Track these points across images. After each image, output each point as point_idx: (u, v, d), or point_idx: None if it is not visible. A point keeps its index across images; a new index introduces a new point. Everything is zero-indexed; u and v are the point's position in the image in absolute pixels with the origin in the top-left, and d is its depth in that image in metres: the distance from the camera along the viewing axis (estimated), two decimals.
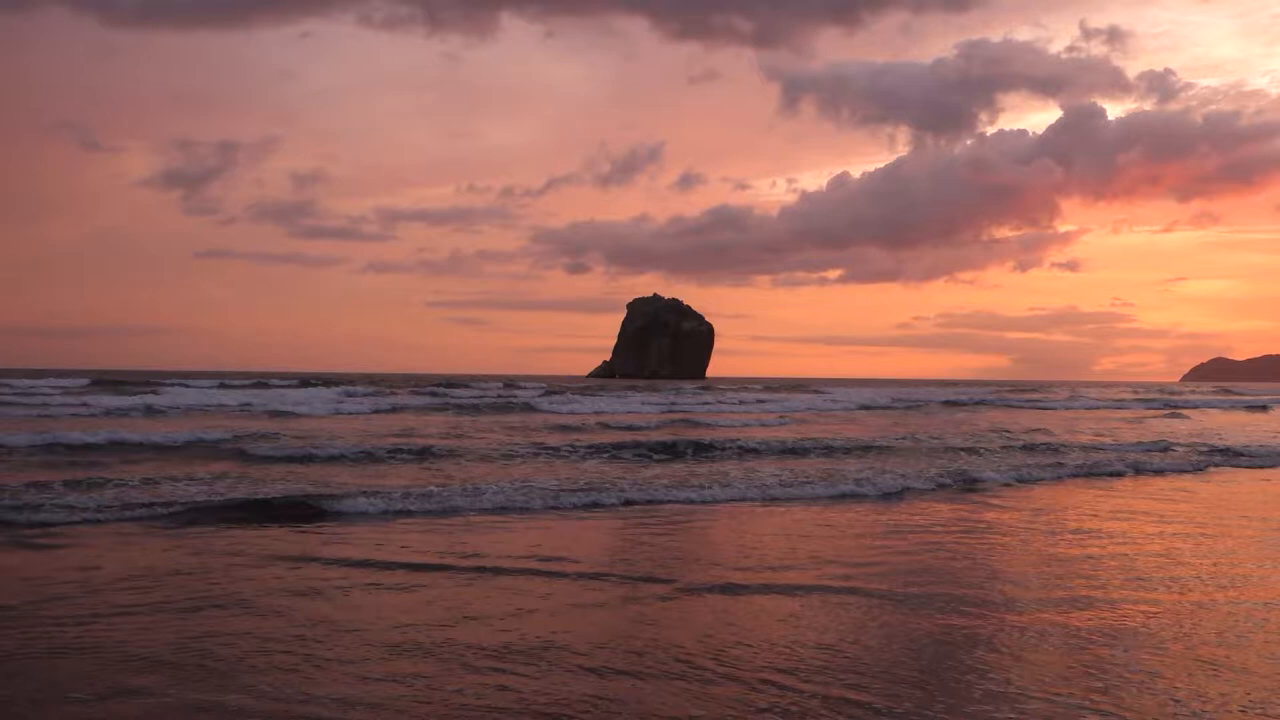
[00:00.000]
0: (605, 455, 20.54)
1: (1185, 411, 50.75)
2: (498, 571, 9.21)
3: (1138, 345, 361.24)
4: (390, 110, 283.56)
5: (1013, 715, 5.45)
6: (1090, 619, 7.61)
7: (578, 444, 22.23)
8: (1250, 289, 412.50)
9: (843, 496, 15.09)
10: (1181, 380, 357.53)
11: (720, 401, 48.99)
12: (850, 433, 28.56)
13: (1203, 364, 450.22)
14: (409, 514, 12.75)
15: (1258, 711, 5.54)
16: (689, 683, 6.00)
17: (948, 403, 55.80)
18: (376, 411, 36.23)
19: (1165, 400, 63.75)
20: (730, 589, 8.61)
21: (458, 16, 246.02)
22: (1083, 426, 34.88)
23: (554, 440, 23.54)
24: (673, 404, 45.72)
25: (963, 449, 23.15)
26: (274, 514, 12.40)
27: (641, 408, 42.00)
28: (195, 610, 7.62)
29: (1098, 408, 54.33)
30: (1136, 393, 79.13)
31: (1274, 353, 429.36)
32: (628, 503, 13.99)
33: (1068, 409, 52.23)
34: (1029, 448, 23.77)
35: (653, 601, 8.18)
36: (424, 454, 19.97)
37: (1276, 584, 9.07)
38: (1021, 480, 17.72)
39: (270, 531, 11.41)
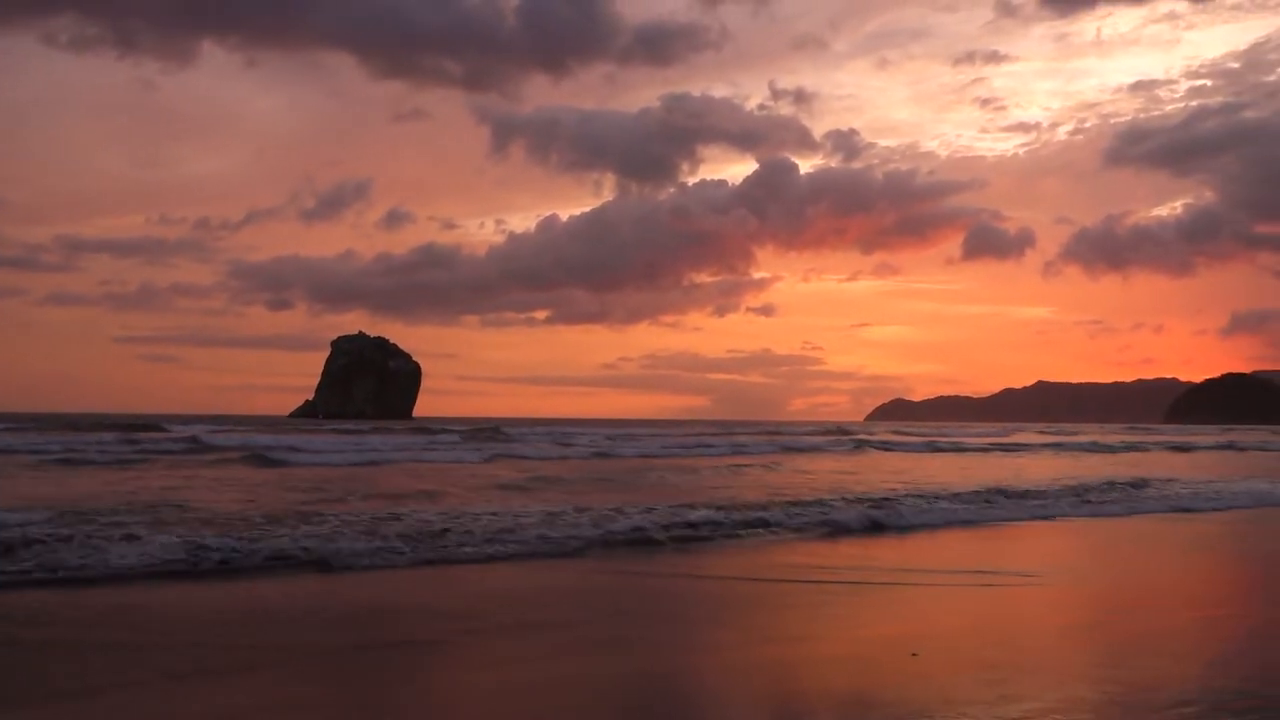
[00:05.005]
0: None
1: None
2: None
3: (826, 386, 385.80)
4: (75, 134, 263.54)
5: None
6: None
7: None
8: (925, 334, 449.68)
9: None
10: (865, 419, 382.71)
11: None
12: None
13: (884, 404, 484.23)
14: None
15: None
16: None
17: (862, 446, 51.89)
18: None
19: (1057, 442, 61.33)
20: None
21: (152, 41, 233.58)
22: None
23: None
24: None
25: None
26: None
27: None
28: None
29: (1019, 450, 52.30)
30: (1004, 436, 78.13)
31: (946, 393, 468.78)
32: None
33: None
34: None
35: None
36: None
37: None
38: None
39: None
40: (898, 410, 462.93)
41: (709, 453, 43.62)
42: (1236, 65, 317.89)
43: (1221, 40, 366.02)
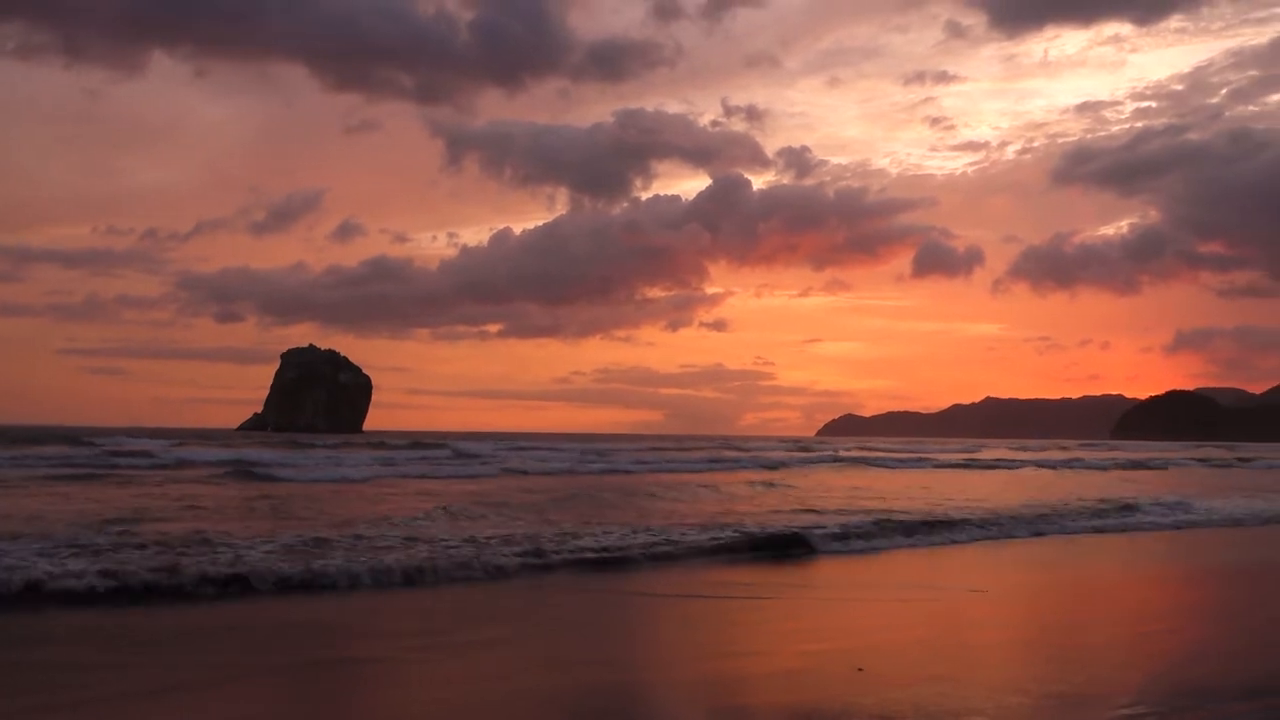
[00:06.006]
0: None
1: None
2: None
3: (778, 402, 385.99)
4: (21, 143, 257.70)
5: None
6: None
7: None
8: (875, 350, 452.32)
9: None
10: (816, 434, 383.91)
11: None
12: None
13: (834, 420, 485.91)
14: None
15: None
16: None
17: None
18: None
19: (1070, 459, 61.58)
20: None
21: (101, 49, 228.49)
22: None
23: None
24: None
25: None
26: None
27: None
28: None
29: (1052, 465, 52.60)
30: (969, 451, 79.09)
31: (896, 409, 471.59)
32: None
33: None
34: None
35: None
36: None
37: None
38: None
39: None
40: (848, 425, 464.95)
41: (721, 468, 43.10)
42: (1180, 88, 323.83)
43: (1166, 63, 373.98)
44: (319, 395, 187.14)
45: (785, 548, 15.54)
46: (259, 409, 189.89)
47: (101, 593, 10.72)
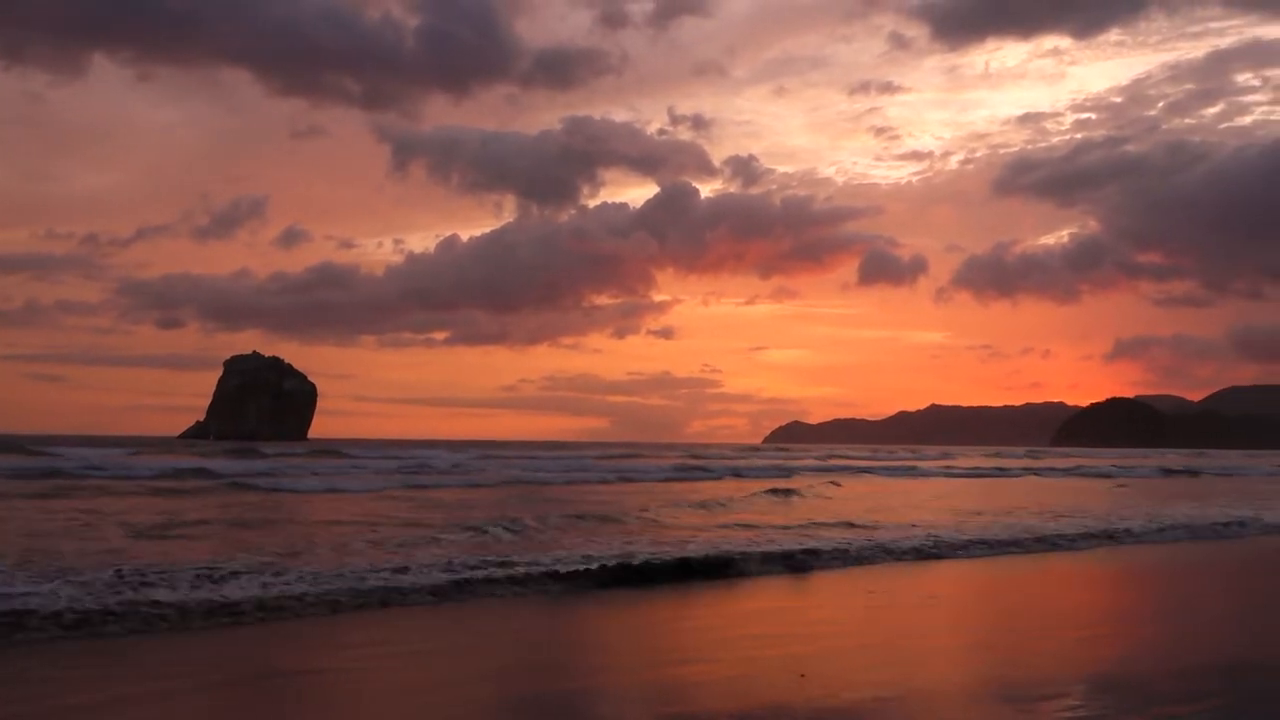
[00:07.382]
0: None
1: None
2: None
3: (725, 409, 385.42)
4: None
5: None
6: None
7: None
8: (821, 358, 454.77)
9: None
10: (763, 441, 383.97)
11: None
12: None
13: (781, 427, 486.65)
14: None
15: None
16: None
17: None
18: None
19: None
20: None
21: (42, 52, 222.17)
22: None
23: None
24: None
25: None
26: None
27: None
28: None
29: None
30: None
31: (842, 417, 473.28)
32: None
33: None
34: None
35: None
36: None
37: None
38: None
39: None
40: (795, 433, 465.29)
41: (716, 476, 42.34)
42: (1119, 100, 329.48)
43: (1105, 75, 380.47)
44: (263, 402, 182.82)
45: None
46: (201, 416, 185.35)
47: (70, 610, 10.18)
